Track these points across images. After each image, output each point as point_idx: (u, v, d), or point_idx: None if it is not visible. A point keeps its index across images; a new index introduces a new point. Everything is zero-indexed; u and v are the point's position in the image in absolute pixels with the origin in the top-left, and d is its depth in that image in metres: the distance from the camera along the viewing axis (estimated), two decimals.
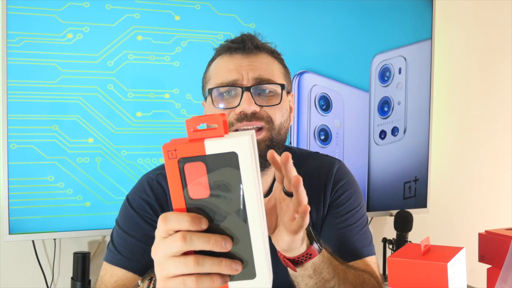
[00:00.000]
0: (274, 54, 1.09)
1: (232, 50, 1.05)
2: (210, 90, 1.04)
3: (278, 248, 0.78)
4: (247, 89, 1.00)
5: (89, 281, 1.68)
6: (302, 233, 0.76)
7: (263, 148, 1.00)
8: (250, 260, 0.56)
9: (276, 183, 0.76)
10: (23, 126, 1.63)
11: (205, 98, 1.09)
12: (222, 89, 1.02)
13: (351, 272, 0.94)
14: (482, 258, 1.27)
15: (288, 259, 0.81)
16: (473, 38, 2.41)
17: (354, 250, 1.07)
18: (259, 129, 1.01)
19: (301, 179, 0.67)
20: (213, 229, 0.56)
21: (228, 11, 1.83)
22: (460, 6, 2.37)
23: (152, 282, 0.79)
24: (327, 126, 1.99)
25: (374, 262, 1.09)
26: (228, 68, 1.03)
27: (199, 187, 0.55)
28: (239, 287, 0.57)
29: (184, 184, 0.55)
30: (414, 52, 2.13)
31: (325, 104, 1.98)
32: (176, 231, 0.56)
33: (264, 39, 1.09)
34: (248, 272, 0.57)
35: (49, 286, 1.79)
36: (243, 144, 0.54)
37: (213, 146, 0.54)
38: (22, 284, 1.78)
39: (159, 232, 0.58)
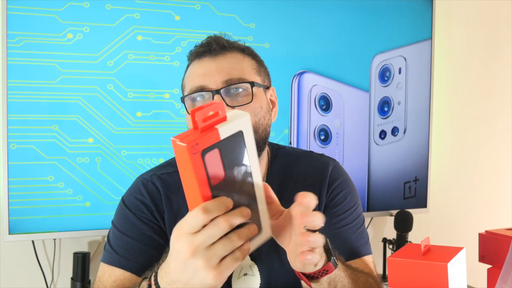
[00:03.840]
0: (245, 50, 1.07)
1: (200, 55, 1.04)
2: (183, 99, 1.04)
3: (292, 266, 0.76)
4: (217, 92, 1.00)
5: (89, 281, 1.68)
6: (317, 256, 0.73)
7: None
8: (257, 220, 0.65)
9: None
10: (23, 126, 1.63)
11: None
12: (193, 96, 1.02)
13: (361, 281, 0.94)
14: (482, 258, 1.27)
15: (304, 274, 0.79)
16: (473, 38, 2.41)
17: (352, 249, 1.07)
18: None
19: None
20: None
21: (228, 11, 1.83)
22: (460, 6, 2.37)
23: (153, 280, 0.78)
24: (327, 126, 1.99)
25: (371, 261, 1.10)
26: (197, 74, 1.03)
27: (217, 171, 0.59)
28: (255, 245, 0.65)
29: (207, 174, 0.58)
30: (414, 52, 2.13)
31: (325, 104, 1.98)
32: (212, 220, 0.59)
33: (232, 38, 1.07)
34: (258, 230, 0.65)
35: (49, 286, 1.79)
36: (246, 122, 0.61)
37: (225, 131, 0.59)
38: (22, 284, 1.77)
39: (196, 226, 0.60)
